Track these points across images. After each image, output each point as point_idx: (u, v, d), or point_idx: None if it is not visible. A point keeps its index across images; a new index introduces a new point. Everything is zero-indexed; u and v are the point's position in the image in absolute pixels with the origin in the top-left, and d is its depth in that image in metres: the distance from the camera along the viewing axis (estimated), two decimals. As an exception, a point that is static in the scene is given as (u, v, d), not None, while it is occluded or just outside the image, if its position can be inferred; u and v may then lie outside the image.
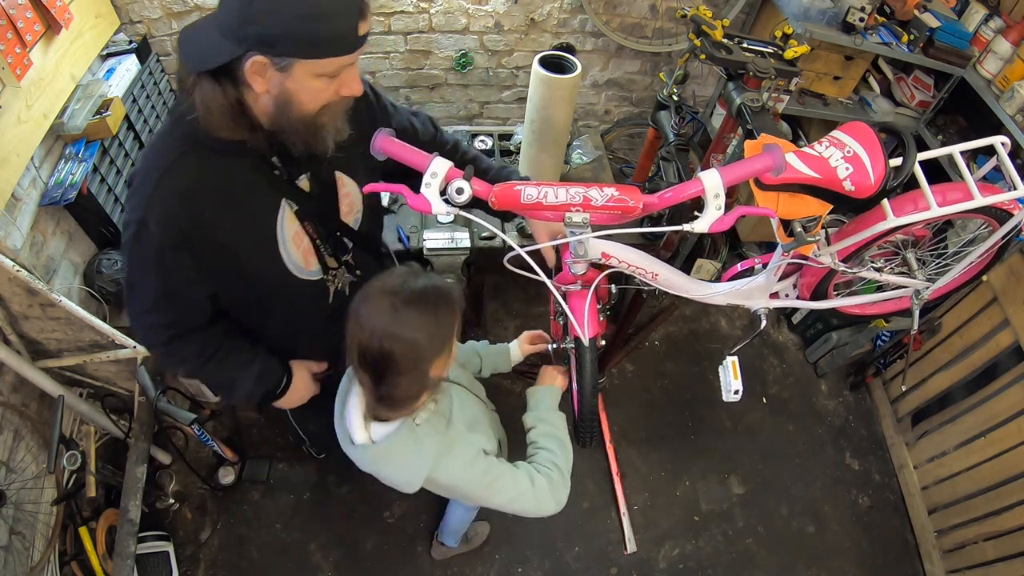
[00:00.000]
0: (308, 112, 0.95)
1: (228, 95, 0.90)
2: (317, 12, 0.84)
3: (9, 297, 1.71)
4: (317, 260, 1.20)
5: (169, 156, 0.98)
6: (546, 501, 1.19)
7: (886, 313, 1.80)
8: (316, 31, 0.85)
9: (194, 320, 1.17)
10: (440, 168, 1.03)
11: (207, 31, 0.88)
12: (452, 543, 2.13)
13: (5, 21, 1.54)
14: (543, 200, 1.10)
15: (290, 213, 1.10)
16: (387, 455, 1.07)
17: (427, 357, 0.98)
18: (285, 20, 0.83)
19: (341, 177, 1.18)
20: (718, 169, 1.05)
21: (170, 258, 1.03)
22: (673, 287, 1.53)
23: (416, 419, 1.08)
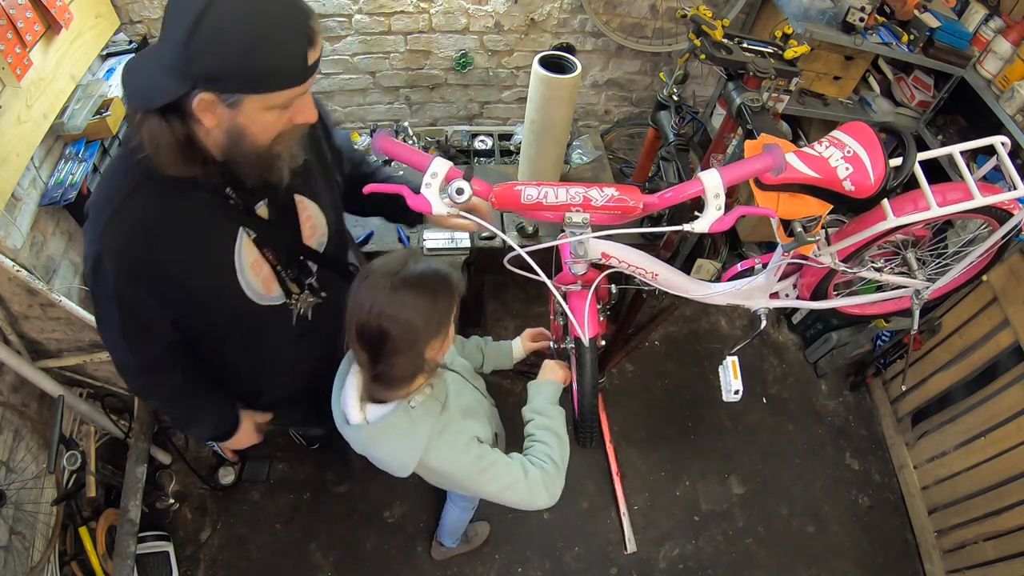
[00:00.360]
0: (262, 144, 0.92)
1: (176, 132, 0.87)
2: (262, 45, 0.80)
3: (9, 297, 1.71)
4: (279, 286, 1.18)
5: (121, 192, 0.96)
6: (539, 493, 1.19)
7: (886, 313, 1.80)
8: (263, 66, 0.81)
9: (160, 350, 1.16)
10: (440, 168, 1.03)
11: (150, 66, 0.84)
12: (451, 543, 2.14)
13: (5, 21, 1.54)
14: (543, 200, 1.10)
15: (248, 241, 1.08)
16: (381, 436, 1.09)
17: (423, 338, 1.00)
18: (229, 56, 0.79)
19: (302, 201, 1.16)
20: (718, 169, 1.05)
21: (127, 291, 1.02)
22: (673, 287, 1.53)
23: (411, 402, 1.09)
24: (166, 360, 1.19)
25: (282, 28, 0.81)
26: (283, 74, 0.84)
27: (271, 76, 0.83)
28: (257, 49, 0.80)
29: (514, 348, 1.52)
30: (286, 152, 0.97)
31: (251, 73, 0.81)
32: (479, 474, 1.15)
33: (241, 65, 0.80)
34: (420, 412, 1.09)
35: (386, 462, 1.12)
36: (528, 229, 2.26)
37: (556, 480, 1.22)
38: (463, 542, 2.19)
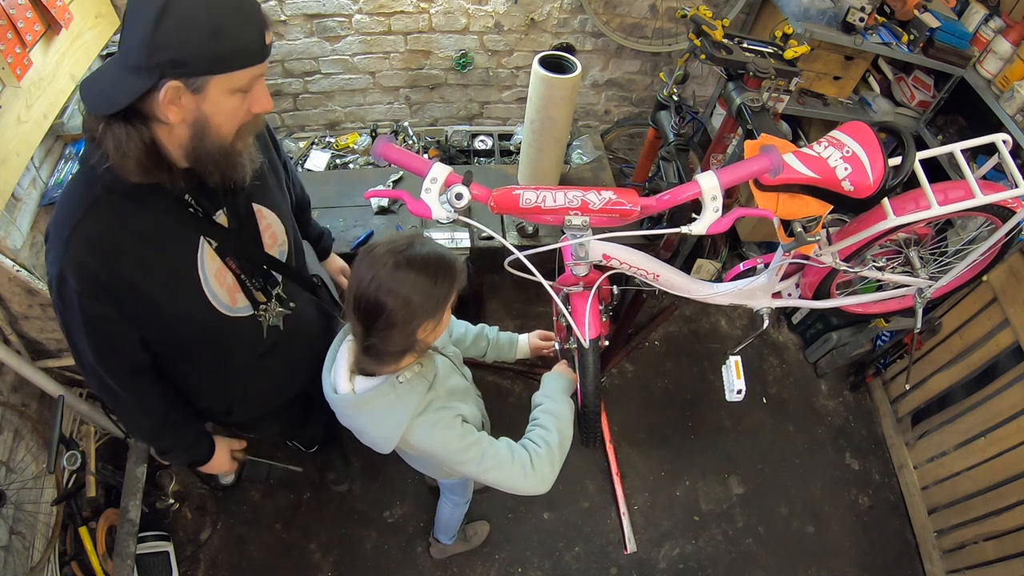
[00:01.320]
0: (225, 136, 0.95)
1: (143, 135, 0.90)
2: (225, 27, 0.86)
3: (9, 297, 1.72)
4: (245, 296, 1.18)
5: (81, 208, 0.96)
6: (529, 476, 1.17)
7: (889, 312, 1.80)
8: (226, 47, 0.86)
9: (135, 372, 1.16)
10: (440, 173, 1.04)
11: (110, 73, 0.88)
12: (447, 540, 2.13)
13: (5, 21, 1.54)
14: (541, 204, 1.10)
15: (210, 250, 1.09)
16: (366, 407, 1.11)
17: (418, 316, 1.02)
18: (193, 40, 0.84)
19: (260, 209, 1.18)
20: (715, 171, 1.05)
21: (92, 310, 1.01)
22: (675, 288, 1.54)
23: (399, 377, 1.11)
24: (144, 381, 1.19)
25: (240, 11, 0.88)
26: (245, 52, 0.89)
27: (235, 55, 0.88)
28: (220, 31, 0.85)
29: (520, 344, 1.54)
30: (246, 148, 1.00)
31: (215, 53, 0.86)
32: (462, 451, 1.15)
33: (207, 47, 0.85)
34: (407, 388, 1.11)
35: (370, 434, 1.14)
36: (528, 229, 2.26)
37: (547, 464, 1.19)
38: (461, 541, 2.18)
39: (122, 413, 1.28)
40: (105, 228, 0.97)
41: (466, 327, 1.52)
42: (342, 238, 2.16)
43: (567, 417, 1.28)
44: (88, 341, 1.07)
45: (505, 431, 1.50)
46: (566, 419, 1.27)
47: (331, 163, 2.58)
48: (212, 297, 1.12)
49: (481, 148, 2.69)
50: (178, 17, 0.82)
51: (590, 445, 1.48)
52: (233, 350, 1.25)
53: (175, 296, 1.07)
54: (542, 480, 1.19)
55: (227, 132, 0.95)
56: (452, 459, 1.17)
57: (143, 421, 1.27)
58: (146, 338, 1.12)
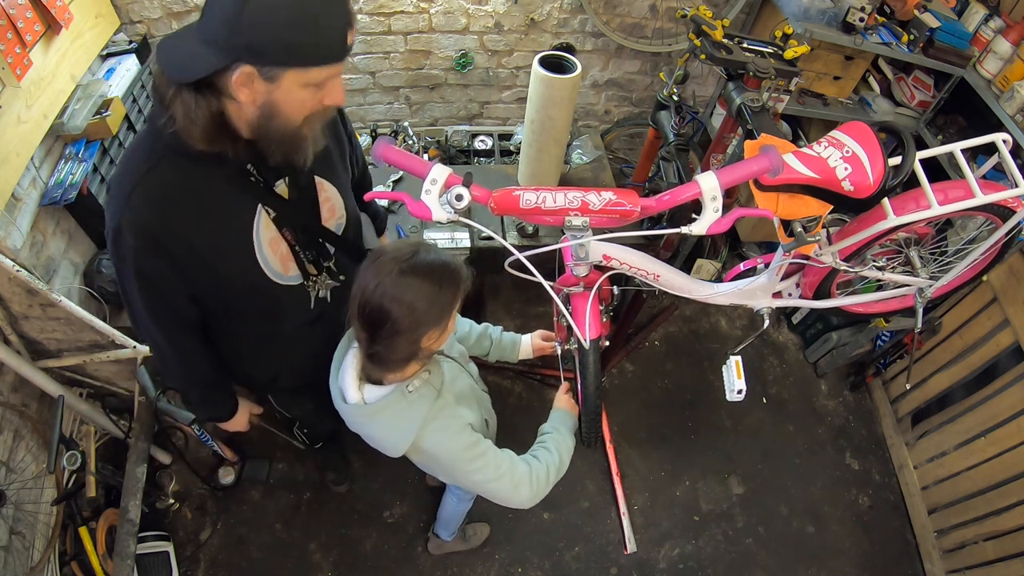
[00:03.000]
0: (292, 123, 0.95)
1: (211, 107, 0.90)
2: (309, 21, 0.83)
3: (9, 297, 1.71)
4: (296, 266, 1.20)
5: (144, 165, 0.97)
6: (522, 490, 1.22)
7: (890, 311, 1.80)
8: (307, 41, 0.85)
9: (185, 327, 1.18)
10: (440, 175, 1.04)
11: (188, 41, 0.86)
12: (446, 536, 2.14)
13: (5, 21, 1.54)
14: (541, 205, 1.11)
15: (266, 219, 1.10)
16: (377, 416, 1.11)
17: (422, 324, 1.02)
18: (277, 29, 0.82)
19: (321, 182, 1.18)
20: (715, 172, 1.06)
21: (148, 265, 1.03)
22: (675, 288, 1.54)
23: (409, 386, 1.11)
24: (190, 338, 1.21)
25: (329, 6, 0.86)
26: (324, 50, 0.87)
27: (314, 51, 0.86)
28: (304, 24, 0.83)
29: (523, 346, 1.54)
30: (311, 134, 0.99)
31: (296, 47, 0.84)
32: (469, 461, 1.18)
33: (287, 38, 0.83)
34: (416, 396, 1.12)
35: (379, 441, 1.16)
36: (528, 229, 2.26)
37: (543, 483, 1.25)
38: (460, 539, 2.18)
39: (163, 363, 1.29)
40: (166, 186, 0.98)
41: (470, 325, 1.53)
42: (342, 238, 2.16)
43: (568, 451, 1.34)
44: (139, 294, 1.09)
45: (505, 430, 1.51)
46: (567, 453, 1.33)
47: (331, 163, 2.58)
48: (264, 264, 1.13)
49: (481, 148, 2.69)
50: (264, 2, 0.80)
51: (591, 445, 1.49)
52: (281, 316, 1.26)
53: (228, 258, 1.09)
54: (534, 497, 1.24)
55: (295, 119, 0.95)
56: (458, 467, 1.19)
57: (181, 373, 1.30)
58: (197, 296, 1.13)
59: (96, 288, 1.96)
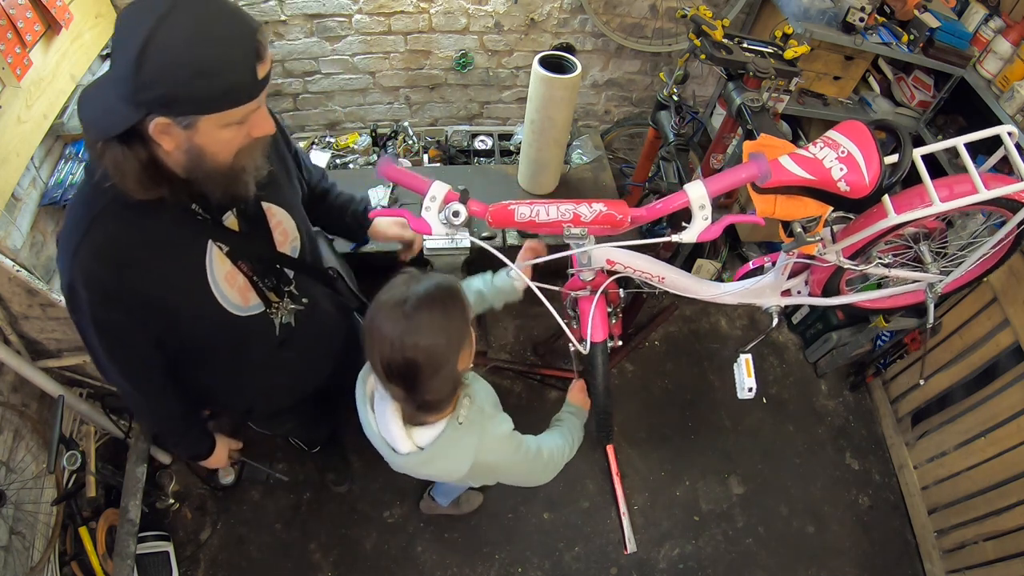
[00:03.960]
0: (224, 161, 0.93)
1: (140, 156, 0.88)
2: (211, 67, 0.80)
3: (9, 297, 1.72)
4: (256, 295, 1.18)
5: (86, 219, 0.96)
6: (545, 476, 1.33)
7: (901, 307, 1.79)
8: (214, 86, 0.81)
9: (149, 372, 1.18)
10: (439, 192, 1.06)
11: (105, 94, 0.84)
12: (443, 502, 2.16)
13: (5, 21, 1.54)
14: (535, 218, 1.13)
15: (219, 254, 1.08)
16: (435, 457, 1.11)
17: (452, 354, 1.00)
18: (179, 81, 0.79)
19: (269, 207, 1.16)
20: (703, 181, 1.06)
21: (104, 316, 1.03)
22: (681, 289, 1.54)
23: (459, 419, 1.10)
24: (157, 383, 1.21)
25: (229, 47, 0.82)
26: (235, 92, 0.84)
27: (223, 95, 0.83)
28: (206, 71, 0.80)
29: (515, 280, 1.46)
30: (250, 165, 0.97)
31: (203, 95, 0.82)
32: (516, 464, 1.24)
33: (192, 88, 0.80)
34: (467, 425, 1.11)
35: (439, 476, 1.20)
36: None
37: (559, 464, 1.34)
38: (453, 504, 2.21)
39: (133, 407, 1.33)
40: (111, 238, 0.97)
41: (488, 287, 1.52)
42: (342, 238, 2.16)
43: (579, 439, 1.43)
44: (100, 343, 1.09)
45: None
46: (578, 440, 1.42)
47: (331, 163, 2.58)
48: (222, 299, 1.12)
49: (481, 148, 2.69)
50: (161, 55, 0.77)
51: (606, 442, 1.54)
52: (246, 347, 1.25)
53: (184, 300, 1.08)
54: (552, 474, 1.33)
55: (225, 158, 0.93)
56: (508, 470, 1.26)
57: (152, 417, 1.32)
58: (158, 340, 1.12)
59: (96, 288, 1.96)
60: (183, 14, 0.78)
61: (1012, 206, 1.39)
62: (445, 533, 2.26)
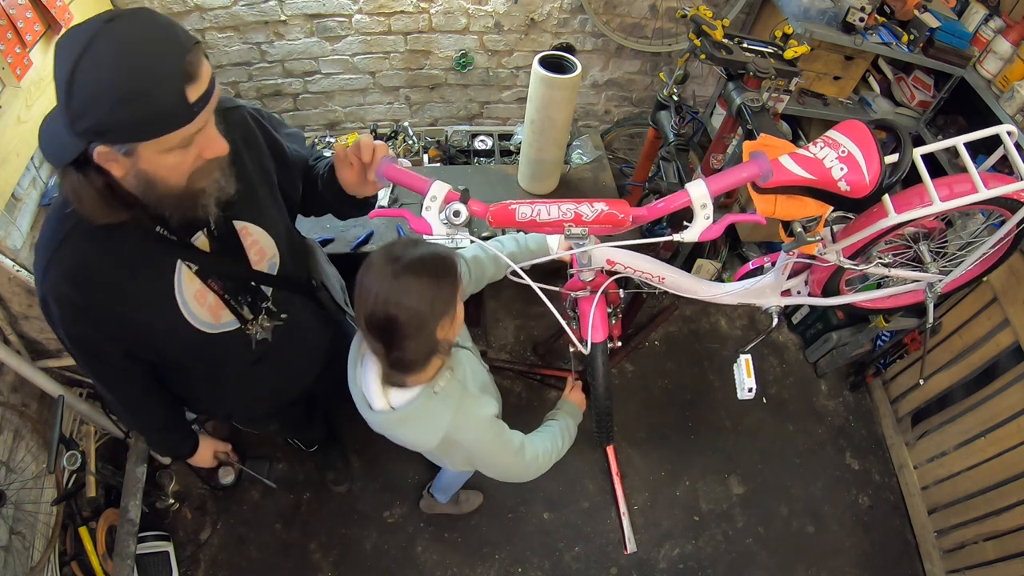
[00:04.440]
0: (176, 185, 0.91)
1: (95, 183, 0.87)
2: (136, 94, 0.78)
3: (9, 297, 1.72)
4: (230, 312, 1.17)
5: (55, 239, 0.97)
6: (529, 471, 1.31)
7: (901, 307, 1.79)
8: (142, 114, 0.79)
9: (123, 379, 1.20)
10: (439, 192, 1.06)
11: (56, 124, 0.83)
12: (442, 499, 2.16)
13: (5, 21, 1.54)
14: (536, 218, 1.13)
15: (188, 273, 1.07)
16: (407, 420, 1.13)
17: (431, 319, 1.02)
18: (105, 109, 0.77)
19: (244, 227, 1.13)
20: (704, 180, 1.06)
21: (75, 331, 1.06)
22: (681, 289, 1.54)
23: (435, 387, 1.13)
24: (134, 390, 1.23)
25: (152, 71, 0.79)
26: (164, 117, 0.81)
27: (153, 121, 0.81)
28: (129, 98, 0.78)
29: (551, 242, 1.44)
30: (210, 187, 0.95)
31: (131, 122, 0.80)
32: (494, 451, 1.23)
33: (119, 116, 0.78)
34: (443, 395, 1.13)
35: (408, 441, 1.18)
36: (528, 229, 2.26)
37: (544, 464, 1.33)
38: (453, 503, 2.21)
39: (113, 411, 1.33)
40: (79, 258, 0.98)
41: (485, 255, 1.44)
42: (342, 238, 2.16)
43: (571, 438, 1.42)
44: (76, 353, 1.12)
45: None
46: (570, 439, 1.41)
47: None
48: (191, 317, 1.11)
49: (481, 148, 2.69)
50: (86, 84, 0.76)
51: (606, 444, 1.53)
52: (221, 362, 1.25)
53: (153, 318, 1.08)
54: (536, 473, 1.32)
55: (177, 182, 0.90)
56: (483, 456, 1.24)
57: (132, 421, 1.36)
58: (133, 353, 1.14)
59: (96, 288, 1.96)
60: (105, 42, 0.77)
61: (1012, 205, 1.39)
62: (445, 533, 2.26)
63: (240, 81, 2.60)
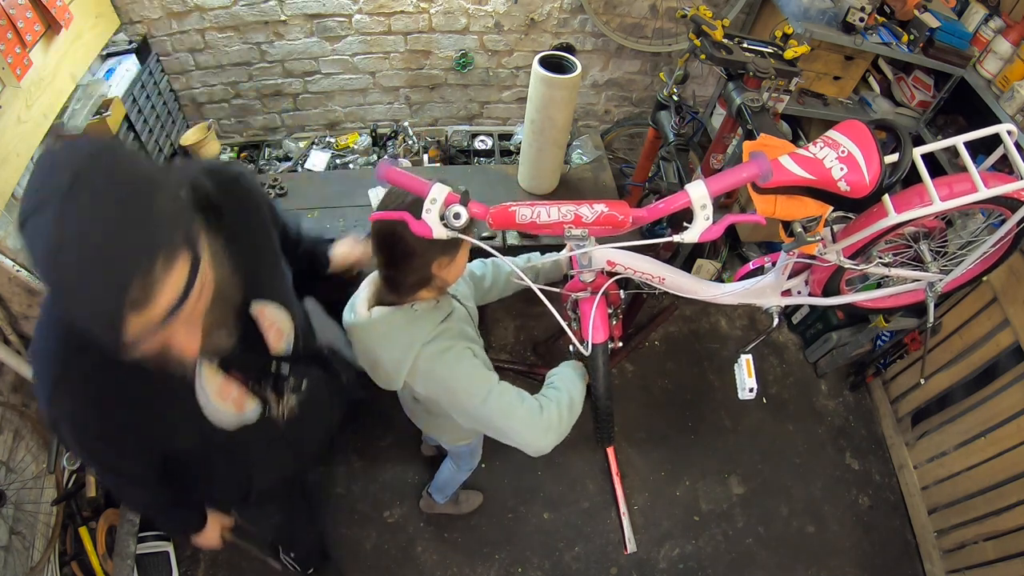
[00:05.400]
0: (191, 353, 0.83)
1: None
2: (63, 300, 0.69)
3: (9, 297, 1.71)
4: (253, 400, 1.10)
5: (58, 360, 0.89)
6: (536, 421, 1.20)
7: (901, 306, 1.79)
8: (96, 335, 0.69)
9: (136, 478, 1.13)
10: (439, 194, 1.06)
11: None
12: (440, 499, 2.17)
13: (5, 21, 1.54)
14: (536, 219, 1.13)
15: (209, 370, 1.00)
16: (380, 327, 1.18)
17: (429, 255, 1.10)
18: (78, 321, 0.70)
19: (261, 310, 1.06)
20: (704, 180, 1.06)
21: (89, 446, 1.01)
22: (681, 289, 1.54)
23: (415, 306, 1.18)
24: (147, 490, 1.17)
25: (80, 296, 0.66)
26: (115, 344, 0.69)
27: (110, 343, 0.70)
28: (63, 304, 0.71)
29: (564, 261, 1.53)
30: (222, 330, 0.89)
31: (98, 339, 0.70)
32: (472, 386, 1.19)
33: (85, 328, 0.69)
34: (420, 314, 1.18)
35: (381, 359, 1.19)
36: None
37: (554, 422, 1.22)
38: (452, 503, 2.21)
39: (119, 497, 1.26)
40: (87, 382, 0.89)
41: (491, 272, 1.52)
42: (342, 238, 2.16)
43: (576, 388, 1.32)
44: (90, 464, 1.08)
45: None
46: (575, 390, 1.31)
47: (331, 163, 2.59)
48: (214, 416, 1.04)
49: (481, 148, 2.69)
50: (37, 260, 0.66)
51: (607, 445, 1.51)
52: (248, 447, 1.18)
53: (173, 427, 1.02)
54: (548, 428, 1.21)
55: (191, 352, 0.83)
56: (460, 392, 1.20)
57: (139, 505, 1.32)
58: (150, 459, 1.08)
59: (96, 288, 1.96)
60: (48, 222, 0.64)
61: (1012, 205, 1.39)
62: (445, 533, 2.26)
63: (240, 81, 2.60)
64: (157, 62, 2.38)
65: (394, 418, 1.67)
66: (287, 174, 2.49)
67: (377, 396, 1.40)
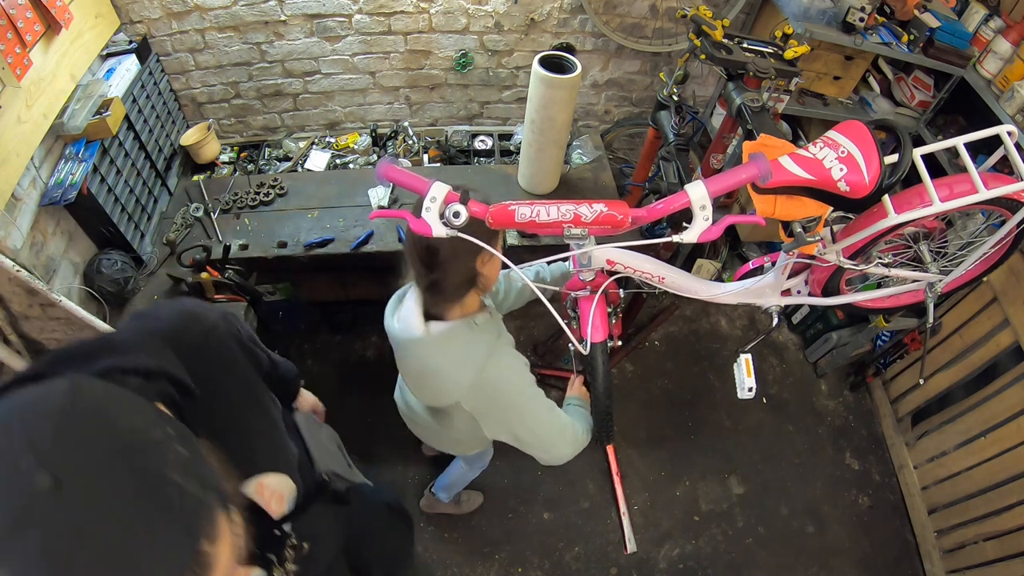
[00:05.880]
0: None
1: None
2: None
3: (9, 297, 1.71)
4: (257, 568, 0.94)
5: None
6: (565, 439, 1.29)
7: (901, 306, 1.79)
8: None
9: None
10: (439, 192, 1.06)
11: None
12: (444, 498, 2.17)
13: (5, 21, 1.54)
14: (536, 219, 1.13)
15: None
16: (445, 345, 1.17)
17: (469, 253, 1.10)
18: None
19: (259, 486, 0.94)
20: (703, 181, 1.06)
21: None
22: (681, 289, 1.54)
23: (476, 319, 1.18)
24: None
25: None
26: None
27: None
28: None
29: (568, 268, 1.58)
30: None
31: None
32: (529, 400, 1.23)
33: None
34: (483, 328, 1.18)
35: (444, 374, 1.19)
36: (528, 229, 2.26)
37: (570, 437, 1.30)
38: (453, 503, 2.22)
39: None
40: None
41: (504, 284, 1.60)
42: (342, 238, 2.16)
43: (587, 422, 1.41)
44: None
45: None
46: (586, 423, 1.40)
47: (331, 163, 2.59)
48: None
49: (481, 148, 2.69)
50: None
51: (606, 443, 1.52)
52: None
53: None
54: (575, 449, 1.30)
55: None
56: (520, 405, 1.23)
57: None
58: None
59: (96, 288, 1.96)
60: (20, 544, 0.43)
61: (1012, 205, 1.39)
62: (446, 533, 2.26)
63: (240, 81, 2.60)
64: (157, 62, 2.38)
65: (394, 418, 1.68)
66: (287, 174, 2.49)
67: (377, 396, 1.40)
